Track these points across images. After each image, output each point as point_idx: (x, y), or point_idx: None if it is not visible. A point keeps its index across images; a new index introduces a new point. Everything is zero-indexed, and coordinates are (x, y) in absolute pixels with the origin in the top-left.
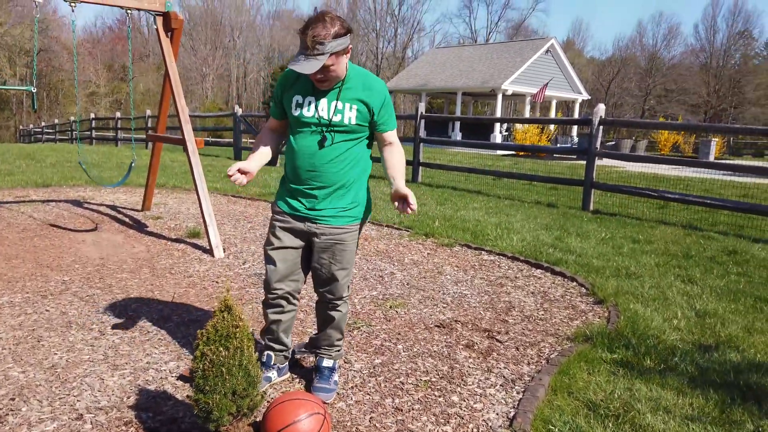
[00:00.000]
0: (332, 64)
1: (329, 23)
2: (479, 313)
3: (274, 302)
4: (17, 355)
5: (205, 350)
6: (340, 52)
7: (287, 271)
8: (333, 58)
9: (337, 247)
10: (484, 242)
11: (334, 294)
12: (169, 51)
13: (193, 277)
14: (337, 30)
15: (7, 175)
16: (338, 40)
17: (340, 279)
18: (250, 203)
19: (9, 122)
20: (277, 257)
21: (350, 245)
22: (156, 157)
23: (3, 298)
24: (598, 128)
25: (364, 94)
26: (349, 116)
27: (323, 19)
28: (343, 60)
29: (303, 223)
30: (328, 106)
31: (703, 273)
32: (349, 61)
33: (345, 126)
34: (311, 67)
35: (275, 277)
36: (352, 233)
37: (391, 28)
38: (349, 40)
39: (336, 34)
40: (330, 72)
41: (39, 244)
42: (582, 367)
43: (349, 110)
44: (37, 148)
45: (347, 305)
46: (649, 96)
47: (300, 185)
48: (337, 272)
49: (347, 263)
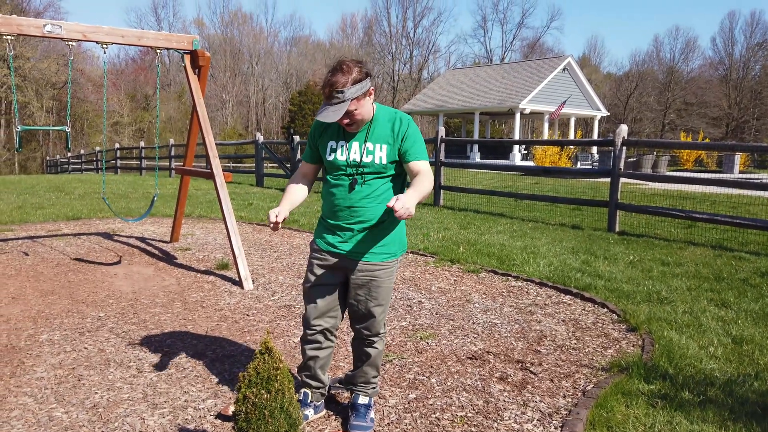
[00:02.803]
0: (355, 109)
1: (347, 70)
2: (511, 343)
3: (312, 338)
4: (59, 395)
5: (248, 393)
6: (361, 96)
7: (326, 307)
8: (355, 103)
9: (373, 284)
10: (511, 267)
11: (370, 330)
12: (197, 87)
13: (224, 310)
14: (355, 76)
15: (38, 208)
16: (357, 85)
17: (376, 315)
18: (275, 231)
19: (36, 153)
20: (315, 294)
21: (386, 281)
22: (184, 191)
23: (42, 335)
24: (621, 149)
25: (391, 132)
26: (379, 155)
27: (341, 67)
28: (367, 103)
29: (339, 259)
30: (360, 149)
31: (737, 296)
32: (376, 102)
33: (376, 166)
34: (335, 115)
35: (314, 314)
36: (388, 270)
37: (406, 50)
38: (369, 83)
39: (354, 80)
40: (355, 116)
41: (73, 279)
42: (619, 400)
43: (380, 150)
44: (66, 180)
45: (383, 342)
46: (668, 110)
47: (337, 221)
48: (374, 308)
49: (383, 300)
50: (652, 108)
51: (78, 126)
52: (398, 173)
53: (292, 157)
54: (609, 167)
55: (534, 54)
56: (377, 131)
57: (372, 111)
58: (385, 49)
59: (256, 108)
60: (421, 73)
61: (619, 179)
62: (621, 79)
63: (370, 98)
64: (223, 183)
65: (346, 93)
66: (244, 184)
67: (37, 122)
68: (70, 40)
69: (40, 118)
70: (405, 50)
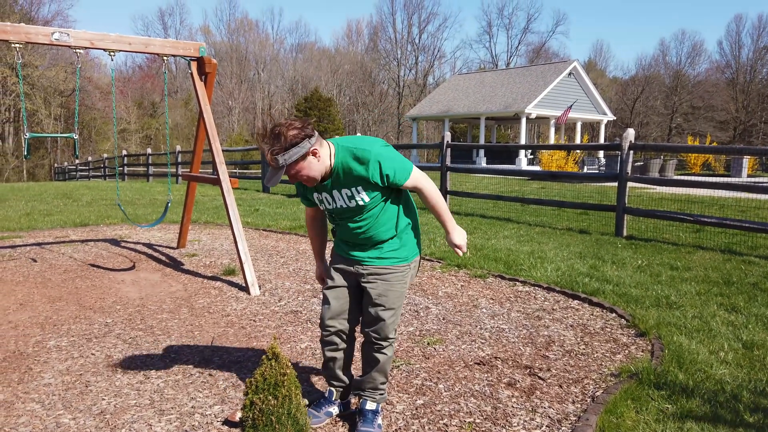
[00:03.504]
0: (298, 171)
1: (281, 136)
2: (519, 348)
3: (329, 339)
4: (67, 401)
5: (255, 399)
6: (299, 159)
7: (340, 309)
8: (294, 166)
9: (384, 287)
10: (518, 272)
11: (379, 334)
12: (203, 94)
13: (231, 316)
14: (289, 141)
15: (46, 215)
16: (292, 150)
17: (385, 319)
18: (282, 237)
19: (44, 160)
20: (330, 295)
21: (396, 285)
22: (191, 197)
23: (50, 342)
24: (629, 153)
25: (359, 172)
26: (360, 197)
27: (273, 133)
28: (311, 163)
29: (353, 265)
30: (340, 196)
31: (747, 301)
32: (336, 145)
33: (363, 206)
34: (274, 180)
35: (328, 315)
36: (398, 274)
37: (412, 56)
38: (308, 144)
39: (289, 145)
40: (300, 177)
41: (81, 285)
42: (629, 406)
43: (357, 193)
44: (73, 187)
45: (392, 348)
46: (675, 114)
47: (347, 240)
48: (383, 312)
49: (393, 303)
50: (659, 112)
51: (86, 133)
52: (389, 195)
53: None
54: (616, 171)
55: (539, 59)
56: (345, 178)
57: (327, 162)
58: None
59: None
60: (426, 79)
61: (626, 183)
62: (627, 83)
63: (315, 157)
64: (230, 189)
65: (280, 160)
66: (251, 190)
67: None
68: (77, 47)
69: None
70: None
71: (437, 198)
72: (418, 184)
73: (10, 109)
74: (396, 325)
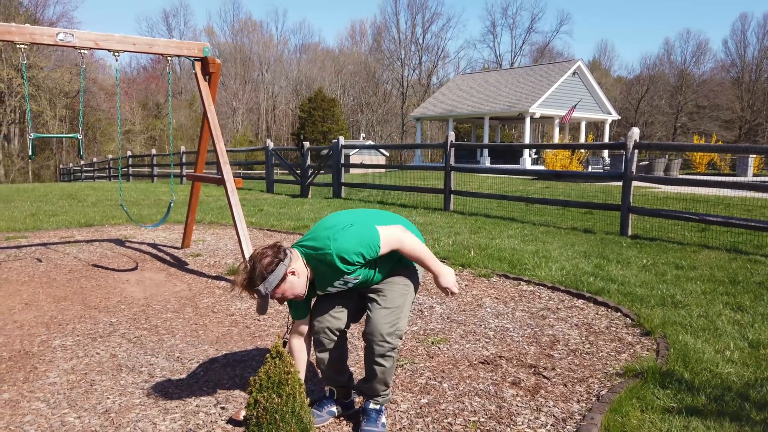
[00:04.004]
0: (282, 294)
1: (254, 269)
2: (523, 347)
3: (317, 339)
4: (72, 400)
5: (259, 397)
6: (280, 283)
7: (328, 306)
8: (277, 291)
9: (383, 286)
10: (522, 272)
11: (373, 333)
12: (207, 94)
13: (235, 315)
14: (263, 271)
15: (51, 215)
16: (270, 276)
17: (379, 317)
18: (286, 237)
19: (49, 162)
20: (320, 297)
21: (396, 287)
22: (195, 197)
23: (55, 341)
24: (633, 152)
25: (334, 272)
26: (352, 280)
27: (249, 269)
28: (291, 281)
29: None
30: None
31: (753, 300)
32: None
33: (357, 282)
34: (265, 307)
35: (316, 314)
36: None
37: (415, 56)
38: (284, 267)
39: (265, 274)
40: (287, 297)
41: (86, 285)
42: (634, 405)
43: (348, 281)
44: (78, 188)
45: (392, 360)
46: (680, 113)
47: None
48: (379, 310)
49: (390, 303)
50: (664, 111)
51: (90, 134)
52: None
53: (302, 164)
54: (621, 171)
55: (543, 58)
56: (328, 278)
57: (306, 270)
58: (394, 55)
59: (266, 115)
60: (430, 79)
61: (631, 182)
62: (632, 82)
63: (294, 276)
64: (234, 189)
65: (262, 290)
66: (255, 191)
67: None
68: (82, 48)
69: (53, 127)
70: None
71: (416, 248)
72: (394, 246)
73: (15, 110)
74: (397, 331)
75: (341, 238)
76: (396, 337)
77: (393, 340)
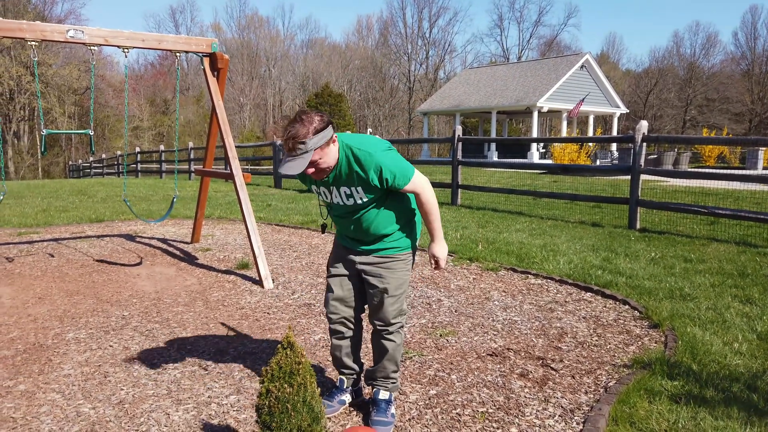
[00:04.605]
0: (320, 158)
1: (307, 121)
2: (531, 340)
3: (333, 327)
4: (86, 392)
5: (271, 387)
6: (324, 145)
7: (342, 295)
8: (318, 152)
9: (384, 273)
10: (530, 265)
11: (382, 321)
12: (216, 90)
13: (245, 309)
14: (315, 126)
15: (62, 211)
16: (319, 134)
17: (387, 305)
18: (294, 231)
19: (59, 158)
20: (333, 283)
21: (398, 273)
22: (204, 192)
23: (69, 334)
24: (642, 145)
25: (359, 174)
26: (359, 197)
27: (301, 118)
28: (331, 150)
29: (354, 254)
30: (338, 193)
31: (762, 292)
32: (340, 141)
33: (361, 204)
34: (299, 167)
35: (331, 302)
36: (399, 261)
37: (422, 50)
38: (331, 131)
39: (316, 129)
40: (320, 165)
41: (97, 280)
42: (642, 396)
43: (356, 192)
44: (88, 184)
45: (401, 336)
46: (690, 106)
47: (346, 234)
48: (386, 299)
49: (395, 290)
50: (673, 105)
51: (99, 131)
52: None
53: None
54: (629, 164)
55: (551, 52)
56: (346, 177)
57: (336, 155)
58: (401, 50)
59: (274, 111)
60: (437, 73)
61: (639, 176)
62: (640, 75)
63: (334, 145)
64: (243, 184)
65: (309, 144)
66: (263, 186)
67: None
68: (92, 44)
69: (62, 124)
70: (421, 50)
71: (433, 205)
72: (417, 189)
73: (25, 107)
74: (402, 312)
75: (385, 154)
76: (401, 316)
77: (400, 319)
